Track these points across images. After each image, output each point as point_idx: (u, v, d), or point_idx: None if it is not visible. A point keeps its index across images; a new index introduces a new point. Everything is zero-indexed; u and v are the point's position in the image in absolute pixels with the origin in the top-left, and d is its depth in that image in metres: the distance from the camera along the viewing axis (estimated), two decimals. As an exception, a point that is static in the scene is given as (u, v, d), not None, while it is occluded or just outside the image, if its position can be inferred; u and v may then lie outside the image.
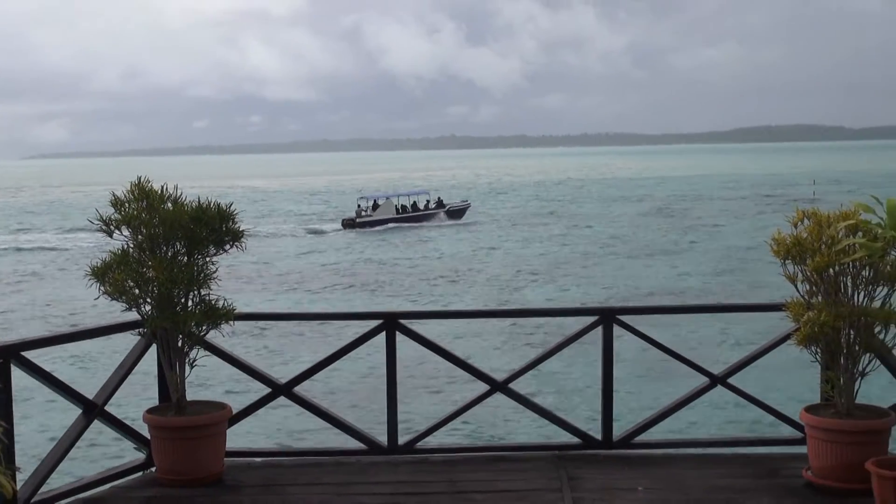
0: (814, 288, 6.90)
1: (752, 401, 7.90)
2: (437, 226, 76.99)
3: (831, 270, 6.77)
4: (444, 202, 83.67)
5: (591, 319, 7.87)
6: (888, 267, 6.55)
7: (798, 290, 6.98)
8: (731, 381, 7.89)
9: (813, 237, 6.81)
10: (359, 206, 79.92)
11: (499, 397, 8.04)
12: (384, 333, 7.68)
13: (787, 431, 7.82)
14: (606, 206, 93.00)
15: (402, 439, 7.78)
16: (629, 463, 7.58)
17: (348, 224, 76.13)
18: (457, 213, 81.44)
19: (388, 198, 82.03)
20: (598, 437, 7.83)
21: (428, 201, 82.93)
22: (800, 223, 6.95)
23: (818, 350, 6.97)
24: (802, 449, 7.25)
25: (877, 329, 6.81)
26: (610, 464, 7.56)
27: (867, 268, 6.73)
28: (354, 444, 7.86)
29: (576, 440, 7.87)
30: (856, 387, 6.93)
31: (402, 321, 7.79)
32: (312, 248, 61.13)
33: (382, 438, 7.78)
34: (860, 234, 6.55)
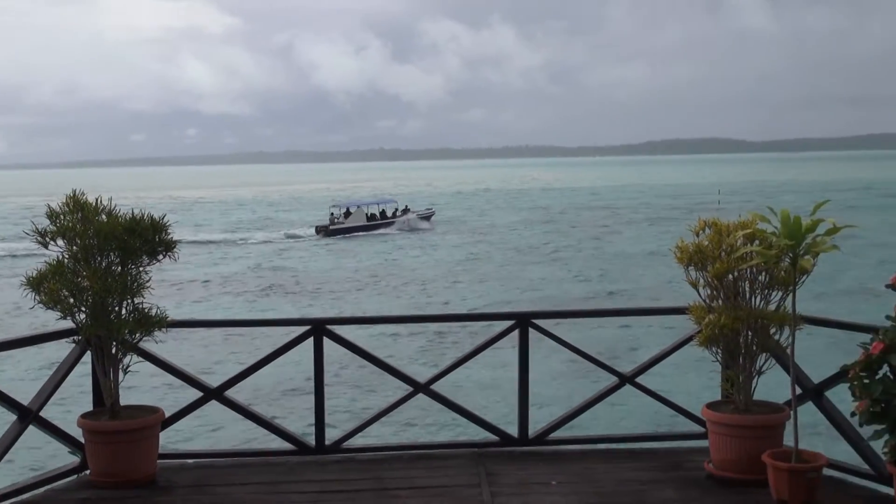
0: (714, 292, 7.04)
1: (657, 398, 8.03)
2: (404, 231, 77.94)
3: (730, 276, 6.92)
4: (411, 209, 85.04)
5: (507, 324, 7.96)
6: (782, 273, 6.70)
7: (700, 295, 7.11)
8: (638, 380, 8.01)
9: (713, 245, 6.96)
10: (332, 213, 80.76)
11: (422, 398, 8.07)
12: (312, 338, 7.69)
13: (690, 427, 7.92)
14: (522, 215, 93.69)
15: (330, 439, 7.78)
16: (544, 458, 7.65)
17: (322, 231, 76.90)
18: (423, 219, 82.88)
19: (359, 206, 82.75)
20: (515, 434, 7.90)
21: (396, 209, 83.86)
22: (701, 232, 7.09)
23: (719, 350, 7.11)
24: (704, 443, 7.38)
25: (772, 330, 6.97)
26: (526, 460, 7.62)
27: (763, 273, 6.89)
28: (284, 444, 7.84)
29: (494, 438, 7.93)
30: (753, 384, 7.08)
31: (330, 327, 7.79)
32: (281, 254, 60.96)
33: (311, 439, 7.77)
34: (757, 242, 6.68)
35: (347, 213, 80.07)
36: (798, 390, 6.85)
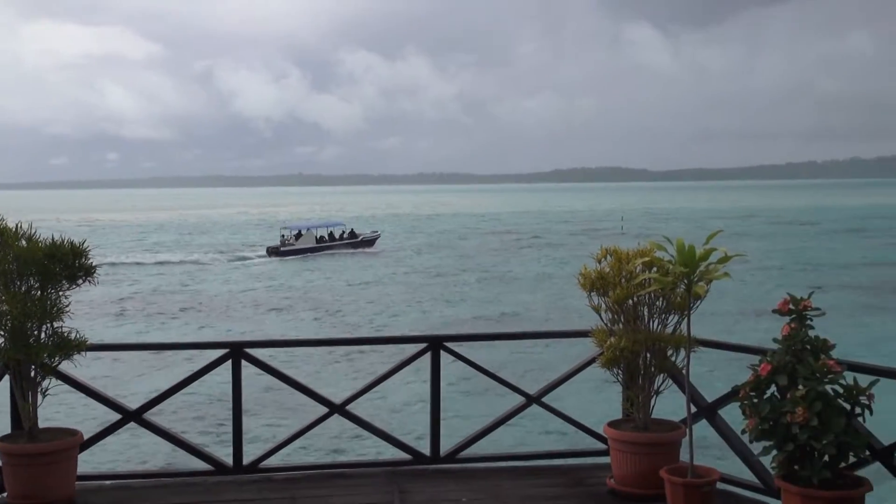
0: (615, 317, 7.15)
1: (562, 417, 8.09)
2: (351, 253, 78.73)
3: (630, 301, 7.04)
4: (357, 233, 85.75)
5: (420, 346, 7.97)
6: (678, 298, 6.83)
7: (602, 319, 7.21)
8: (544, 400, 8.07)
9: (614, 272, 7.07)
10: (283, 235, 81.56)
11: (337, 418, 8.02)
12: (230, 361, 7.60)
13: (592, 444, 8.00)
14: (433, 239, 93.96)
15: (247, 459, 7.67)
16: (455, 476, 7.65)
17: (273, 252, 77.49)
18: (368, 242, 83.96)
19: (308, 229, 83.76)
20: (427, 453, 7.88)
21: (343, 231, 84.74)
22: (603, 259, 7.20)
23: (619, 371, 7.22)
24: (606, 459, 7.48)
25: (669, 352, 7.10)
26: (437, 477, 7.61)
27: (661, 299, 7.02)
28: (202, 465, 7.72)
29: (407, 456, 7.90)
30: (652, 403, 7.20)
31: (248, 350, 7.71)
32: (197, 276, 59.91)
33: (229, 459, 7.66)
34: (654, 269, 6.81)
35: (298, 235, 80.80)
36: (693, 409, 6.97)
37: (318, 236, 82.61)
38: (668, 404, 7.34)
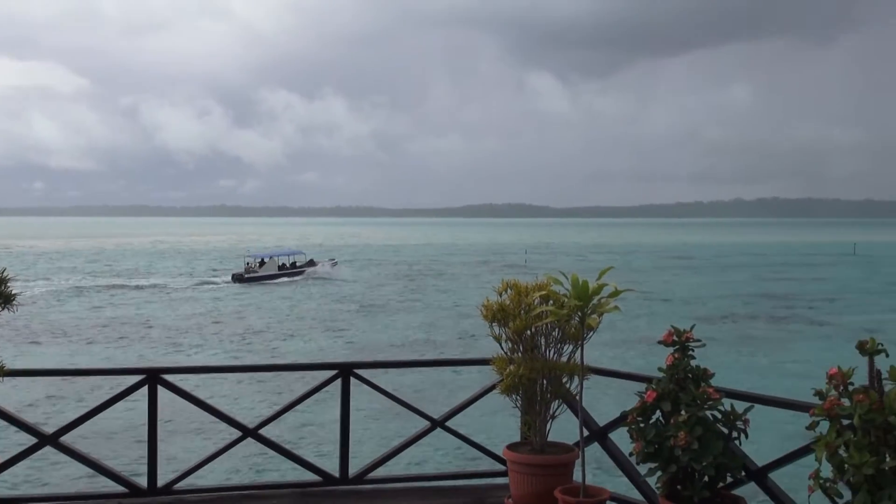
0: (514, 346, 7.17)
1: (464, 440, 8.10)
2: (310, 280, 79.13)
3: (528, 332, 7.07)
4: (316, 261, 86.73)
5: (331, 373, 7.90)
6: (572, 329, 6.89)
7: (502, 348, 7.24)
8: (448, 424, 8.06)
9: (514, 304, 7.10)
10: (247, 262, 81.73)
11: (251, 441, 7.89)
12: (147, 386, 7.43)
13: (492, 466, 8.01)
14: (351, 271, 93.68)
15: (162, 482, 7.49)
16: (362, 497, 7.57)
17: (238, 278, 77.26)
18: (329, 269, 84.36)
19: (271, 257, 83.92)
20: (337, 474, 7.81)
21: (311, 261, 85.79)
22: (504, 292, 7.24)
23: (518, 397, 7.23)
24: (505, 480, 7.47)
25: (564, 380, 7.14)
26: (346, 498, 7.52)
27: (556, 329, 7.06)
28: (117, 487, 7.50)
29: (317, 478, 7.80)
30: (547, 427, 7.22)
31: (164, 376, 7.54)
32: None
33: (143, 481, 7.47)
34: (551, 302, 6.87)
35: (261, 263, 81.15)
36: (585, 432, 7.04)
37: (279, 264, 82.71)
38: (563, 428, 7.39)
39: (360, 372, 7.91)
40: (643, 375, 6.69)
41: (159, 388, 7.43)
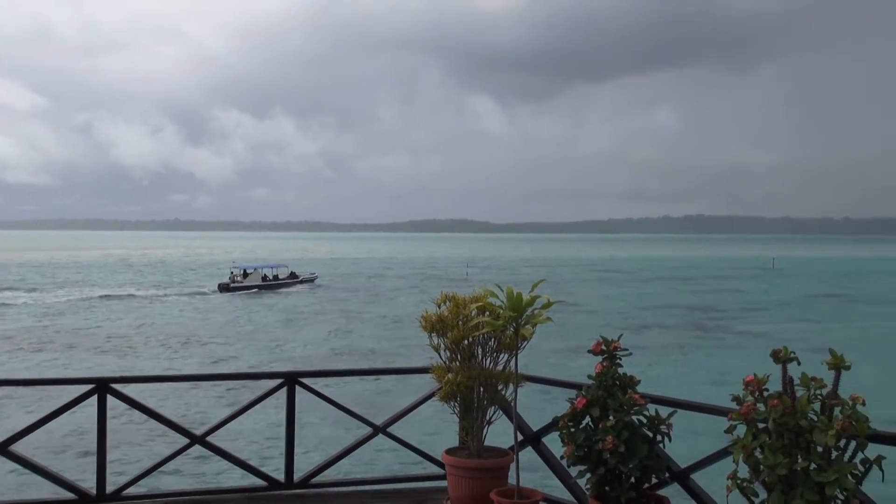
0: (453, 355, 7.16)
1: (405, 445, 8.06)
2: (295, 291, 79.60)
3: (466, 341, 7.06)
4: (297, 273, 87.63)
5: (277, 382, 7.81)
6: (507, 339, 6.90)
7: (441, 357, 7.23)
8: (390, 429, 8.02)
9: (452, 315, 7.09)
10: (232, 273, 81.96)
11: (199, 448, 7.76)
12: (96, 396, 7.26)
13: (432, 469, 7.98)
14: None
15: (111, 488, 7.32)
16: (307, 500, 7.49)
17: (223, 288, 77.52)
18: (307, 281, 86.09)
19: (255, 268, 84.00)
20: (282, 479, 7.71)
21: (294, 274, 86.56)
22: (442, 304, 7.23)
23: (456, 404, 7.21)
24: (444, 483, 7.44)
25: (499, 387, 7.15)
26: (291, 502, 7.43)
27: (493, 339, 7.07)
28: (67, 494, 7.31)
29: (263, 483, 7.70)
30: (484, 432, 7.22)
31: (114, 385, 7.38)
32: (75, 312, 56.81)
33: (92, 488, 7.29)
34: (487, 313, 6.88)
35: (245, 274, 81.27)
36: (520, 437, 7.05)
37: (263, 275, 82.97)
38: (499, 433, 7.39)
39: (304, 380, 7.83)
40: (574, 382, 6.72)
41: (108, 396, 7.28)
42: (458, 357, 7.12)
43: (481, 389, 7.11)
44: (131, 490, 7.41)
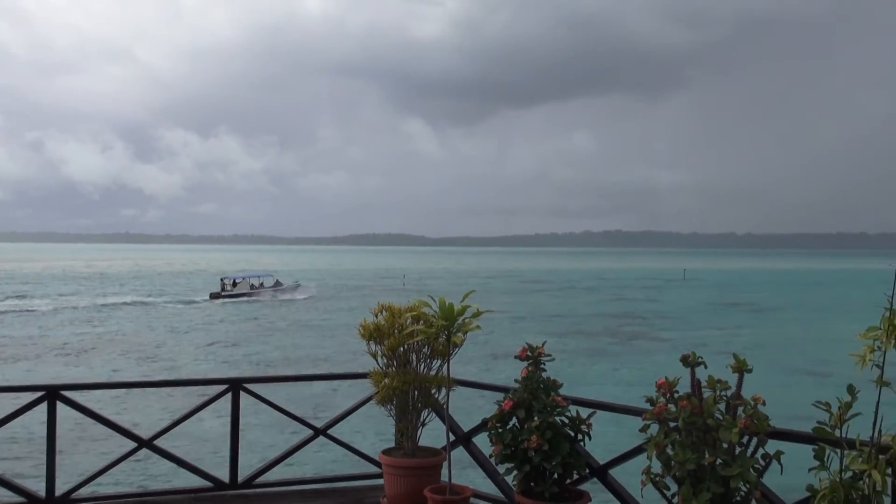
0: (389, 361, 7.14)
1: (344, 446, 7.99)
2: (286, 299, 79.55)
3: (401, 349, 7.04)
4: (281, 282, 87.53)
5: (222, 387, 7.68)
6: (440, 346, 6.90)
7: (378, 363, 7.19)
8: (330, 431, 7.94)
9: (389, 324, 7.07)
10: (223, 282, 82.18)
11: (147, 452, 7.57)
12: (46, 403, 7.04)
13: (369, 469, 7.92)
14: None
15: (60, 491, 7.10)
16: (251, 500, 7.36)
17: (215, 296, 78.14)
18: (291, 289, 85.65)
19: (244, 278, 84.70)
20: (227, 480, 7.57)
21: (278, 282, 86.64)
22: (379, 314, 7.20)
23: (392, 407, 7.18)
24: (380, 482, 7.38)
25: (433, 391, 7.14)
26: (234, 501, 7.30)
27: (426, 346, 7.06)
28: (16, 497, 7.06)
29: (209, 484, 7.55)
30: (418, 433, 7.20)
31: (64, 392, 7.17)
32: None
33: (42, 491, 7.06)
34: (421, 322, 6.87)
35: (234, 283, 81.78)
36: (452, 437, 7.04)
37: (251, 284, 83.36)
38: (432, 434, 7.36)
39: (249, 386, 7.71)
40: (501, 386, 6.74)
41: (58, 403, 7.07)
42: (395, 363, 7.09)
43: (416, 393, 7.08)
44: (80, 493, 7.20)
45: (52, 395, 7.04)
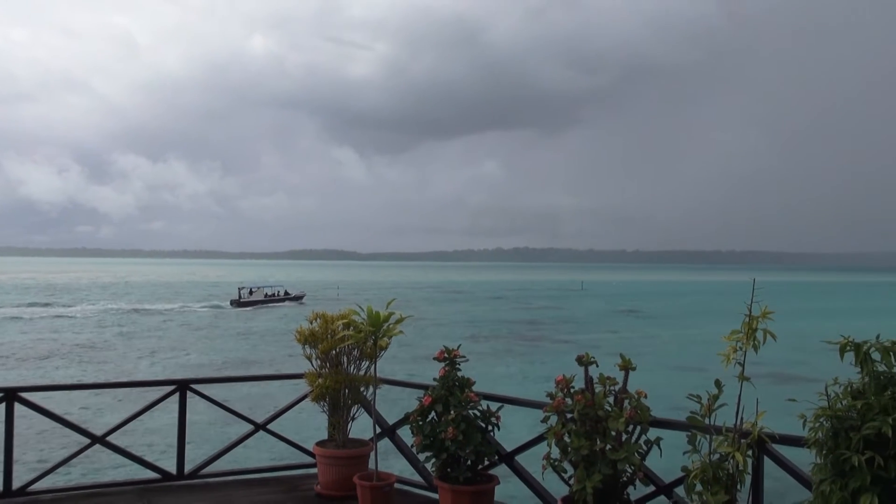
0: (322, 363, 7.08)
1: (282, 439, 7.86)
2: (286, 306, 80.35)
3: (333, 352, 7.00)
4: (289, 292, 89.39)
5: (171, 388, 7.47)
6: (368, 349, 6.88)
7: (313, 365, 7.12)
8: (271, 426, 7.81)
9: (322, 330, 7.02)
10: (239, 290, 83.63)
11: (100, 448, 7.30)
12: (4, 404, 6.74)
13: (305, 459, 7.80)
14: (188, 299, 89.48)
15: (17, 485, 6.78)
16: (195, 489, 7.16)
17: (235, 303, 79.50)
18: (299, 297, 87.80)
19: (259, 287, 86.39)
20: (174, 472, 7.36)
21: (286, 292, 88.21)
22: (314, 321, 7.14)
23: (325, 403, 7.12)
24: (314, 471, 7.30)
25: (361, 389, 7.11)
26: (182, 491, 7.09)
27: (356, 349, 7.03)
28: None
29: (157, 475, 7.32)
30: (349, 427, 7.15)
31: (21, 394, 6.86)
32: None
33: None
34: (351, 328, 6.83)
35: (250, 292, 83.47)
36: (378, 430, 7.00)
37: (265, 293, 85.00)
38: (361, 427, 7.32)
39: (195, 386, 7.53)
40: (422, 384, 6.75)
41: (16, 404, 6.77)
42: (327, 365, 7.04)
43: (346, 391, 7.05)
44: (37, 486, 6.90)
45: (10, 396, 6.74)
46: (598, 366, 5.42)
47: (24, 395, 6.87)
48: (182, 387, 7.41)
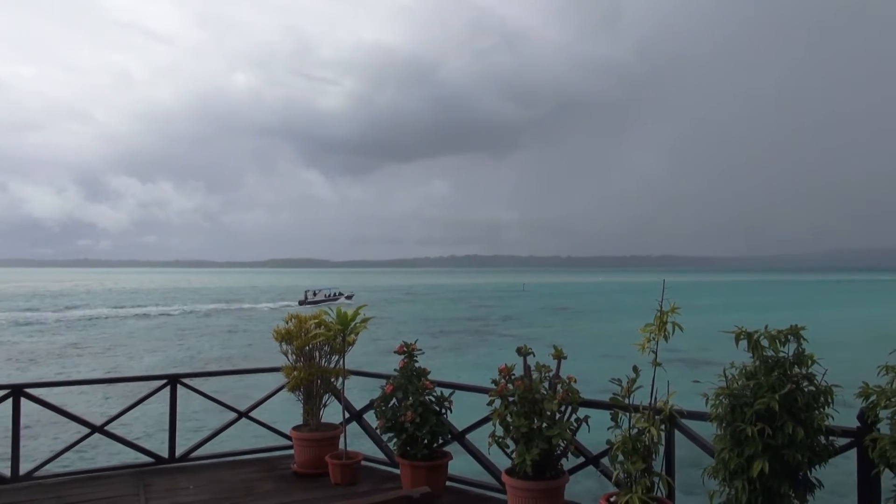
0: (297, 358, 6.99)
1: (262, 425, 7.71)
2: (342, 303, 79.33)
3: (307, 347, 6.92)
4: (342, 292, 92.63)
5: (162, 382, 7.29)
6: (337, 345, 6.82)
7: (289, 359, 7.02)
8: (252, 414, 7.68)
9: (297, 329, 6.93)
10: (305, 293, 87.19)
11: (100, 436, 7.09)
12: (11, 399, 6.50)
13: (282, 441, 7.69)
14: (182, 304, 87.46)
15: (23, 471, 6.55)
16: (186, 471, 7.00)
17: (302, 303, 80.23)
18: (349, 297, 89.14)
19: (320, 290, 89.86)
20: (166, 456, 7.18)
21: (339, 293, 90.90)
22: (289, 321, 7.05)
23: (300, 393, 7.04)
24: (291, 452, 7.21)
25: (332, 380, 7.04)
26: (174, 473, 6.92)
27: (327, 345, 6.96)
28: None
29: (150, 459, 7.14)
30: (321, 413, 7.07)
31: (27, 389, 6.63)
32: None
33: (7, 470, 6.48)
34: (323, 327, 6.77)
35: (314, 293, 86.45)
36: (347, 415, 6.94)
37: (325, 294, 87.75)
38: (332, 413, 7.24)
39: (184, 380, 7.36)
40: (385, 374, 6.71)
41: (22, 399, 6.54)
42: (302, 359, 6.96)
43: (318, 382, 6.97)
44: (41, 471, 6.67)
45: (16, 392, 6.51)
46: (534, 355, 5.46)
47: (30, 390, 6.64)
48: (173, 381, 7.24)
